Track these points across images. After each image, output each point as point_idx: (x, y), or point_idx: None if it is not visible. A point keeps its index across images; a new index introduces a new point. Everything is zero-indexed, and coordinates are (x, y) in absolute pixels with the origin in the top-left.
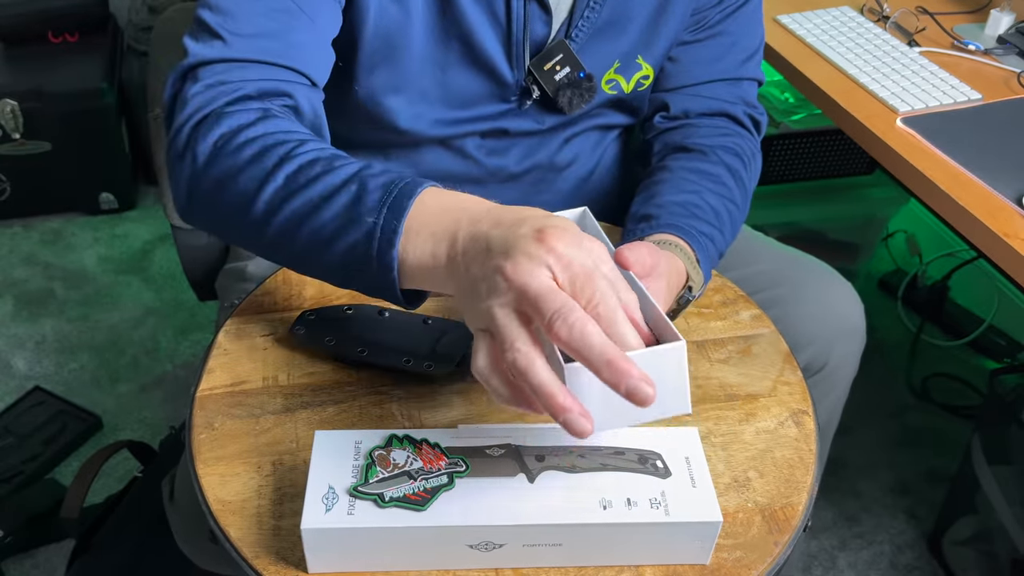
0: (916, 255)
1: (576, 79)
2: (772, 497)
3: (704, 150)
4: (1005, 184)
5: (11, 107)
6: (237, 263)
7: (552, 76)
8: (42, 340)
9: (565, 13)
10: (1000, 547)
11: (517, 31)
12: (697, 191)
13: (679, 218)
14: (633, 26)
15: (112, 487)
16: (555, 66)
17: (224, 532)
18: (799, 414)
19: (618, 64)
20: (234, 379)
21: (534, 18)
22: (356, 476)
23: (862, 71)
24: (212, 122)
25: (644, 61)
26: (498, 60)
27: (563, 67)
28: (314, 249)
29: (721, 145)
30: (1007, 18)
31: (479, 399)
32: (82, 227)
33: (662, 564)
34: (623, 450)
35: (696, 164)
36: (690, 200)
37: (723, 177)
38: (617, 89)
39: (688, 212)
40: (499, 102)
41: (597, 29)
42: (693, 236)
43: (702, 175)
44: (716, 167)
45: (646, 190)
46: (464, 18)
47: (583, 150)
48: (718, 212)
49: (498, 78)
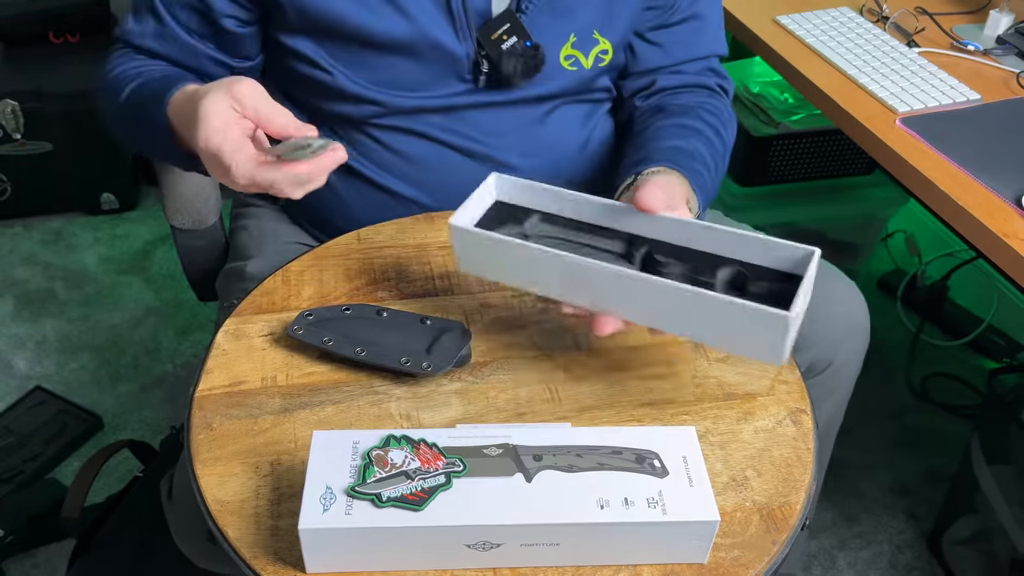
0: (915, 255)
1: (522, 48)
2: (770, 496)
3: (685, 110)
4: (1004, 184)
5: (12, 107)
6: (237, 263)
7: (499, 46)
8: (43, 340)
9: None
10: (999, 547)
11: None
12: (685, 138)
13: (671, 156)
14: (588, 1)
15: (113, 487)
16: (502, 35)
17: (222, 532)
18: (797, 413)
19: (574, 39)
20: (232, 379)
21: None
22: (354, 476)
23: (861, 71)
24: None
25: (602, 36)
26: (442, 30)
27: (510, 36)
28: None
29: (700, 105)
30: (1006, 18)
31: (477, 399)
32: (83, 227)
33: (660, 563)
34: (620, 449)
35: (680, 120)
36: (679, 145)
37: (706, 132)
38: (577, 66)
39: (678, 153)
40: (456, 80)
41: (549, 3)
42: (686, 168)
43: (687, 128)
44: (698, 123)
45: (633, 142)
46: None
47: (566, 131)
48: (704, 158)
49: (444, 50)
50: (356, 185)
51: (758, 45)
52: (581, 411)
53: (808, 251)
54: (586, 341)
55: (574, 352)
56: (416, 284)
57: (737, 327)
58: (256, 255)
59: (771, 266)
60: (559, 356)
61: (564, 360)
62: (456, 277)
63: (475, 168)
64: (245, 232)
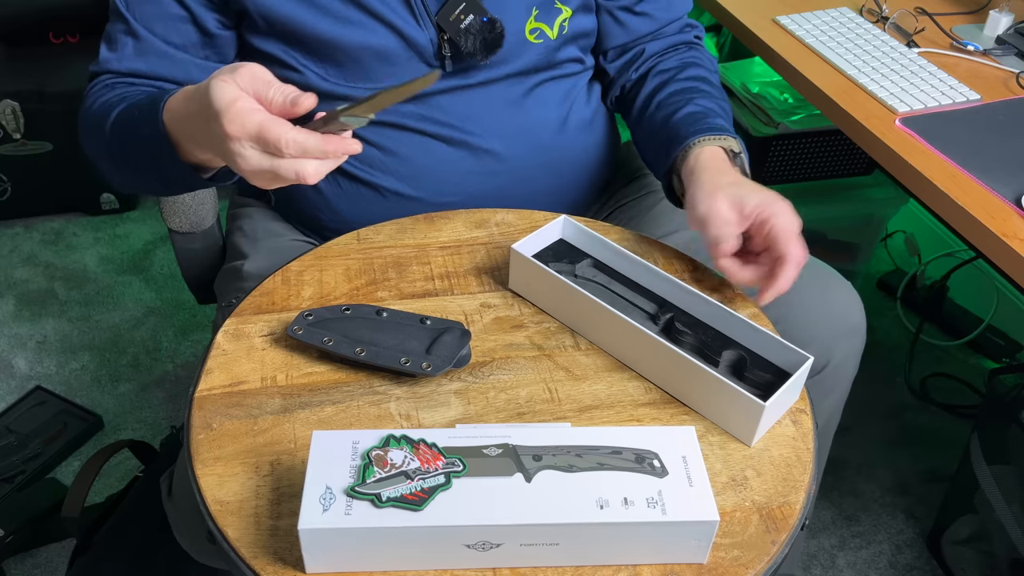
0: (915, 255)
1: (480, 24)
2: (770, 496)
3: (673, 74)
4: (1004, 184)
5: (12, 107)
6: (234, 263)
7: (458, 26)
8: (43, 340)
9: None
10: (999, 547)
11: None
12: (690, 100)
13: (693, 125)
14: None
15: (113, 487)
16: (459, 15)
17: (222, 532)
18: (797, 413)
19: (536, 12)
20: (232, 379)
21: None
22: (353, 476)
23: (861, 72)
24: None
25: (562, 4)
26: (399, 17)
27: (467, 15)
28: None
29: (684, 63)
30: (1006, 19)
31: (477, 399)
32: (83, 227)
33: (659, 563)
34: (620, 449)
35: (674, 86)
36: (692, 111)
37: (701, 86)
38: (543, 38)
39: (697, 119)
40: (420, 62)
41: None
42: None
43: (684, 91)
44: (691, 82)
45: (651, 125)
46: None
47: (548, 105)
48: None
49: (405, 35)
50: (339, 182)
51: (758, 45)
52: (580, 411)
53: (803, 356)
54: (585, 341)
55: (574, 352)
56: (416, 284)
57: (723, 403)
58: (251, 254)
59: (770, 359)
60: (559, 356)
61: (564, 360)
62: (456, 277)
63: (454, 154)
64: (240, 232)
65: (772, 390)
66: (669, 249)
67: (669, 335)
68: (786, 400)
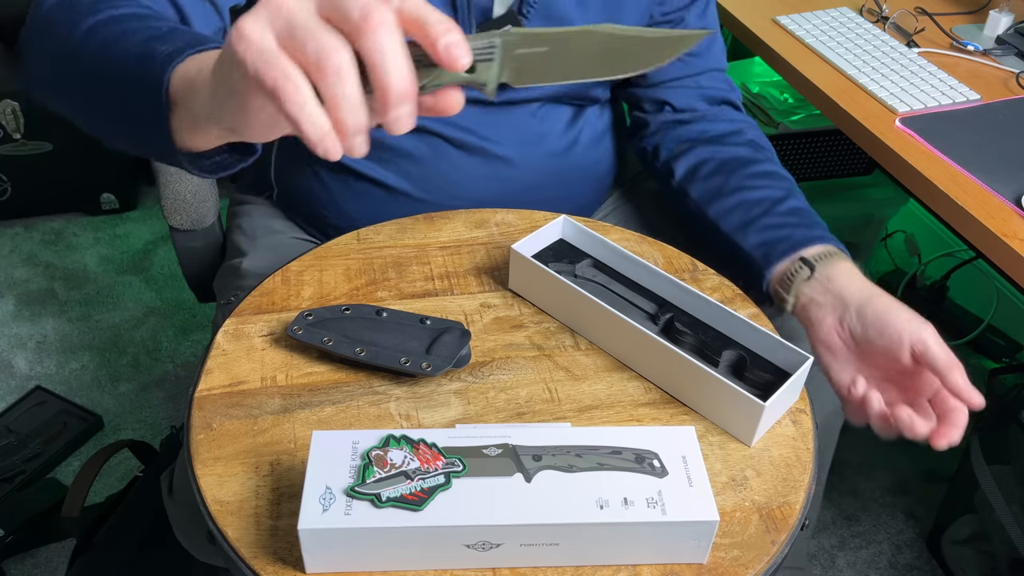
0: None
1: None
2: (769, 496)
3: (735, 154)
4: (1004, 184)
5: (12, 107)
6: (233, 260)
7: None
8: (43, 340)
9: None
10: (999, 547)
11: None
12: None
13: (805, 229)
14: (587, 7)
15: (113, 487)
16: None
17: (222, 532)
18: (797, 413)
19: None
20: (232, 379)
21: None
22: (353, 476)
23: (861, 72)
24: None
25: None
26: None
27: None
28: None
29: (745, 141)
30: (1006, 19)
31: (477, 399)
32: (83, 227)
33: (659, 563)
34: (620, 449)
35: (747, 170)
36: (787, 207)
37: (775, 174)
38: None
39: (795, 219)
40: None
41: (550, 6)
42: (822, 238)
43: (765, 176)
44: (765, 165)
45: (738, 221)
46: None
47: (554, 127)
48: (802, 207)
49: None
50: (346, 179)
51: (758, 45)
52: (580, 411)
53: (803, 356)
54: (585, 341)
55: (574, 352)
56: (416, 284)
57: (723, 403)
58: (251, 251)
59: (770, 359)
60: (559, 356)
61: (564, 360)
62: (456, 277)
63: (468, 160)
64: (239, 230)
65: (772, 390)
66: (669, 249)
67: (669, 335)
68: (786, 400)
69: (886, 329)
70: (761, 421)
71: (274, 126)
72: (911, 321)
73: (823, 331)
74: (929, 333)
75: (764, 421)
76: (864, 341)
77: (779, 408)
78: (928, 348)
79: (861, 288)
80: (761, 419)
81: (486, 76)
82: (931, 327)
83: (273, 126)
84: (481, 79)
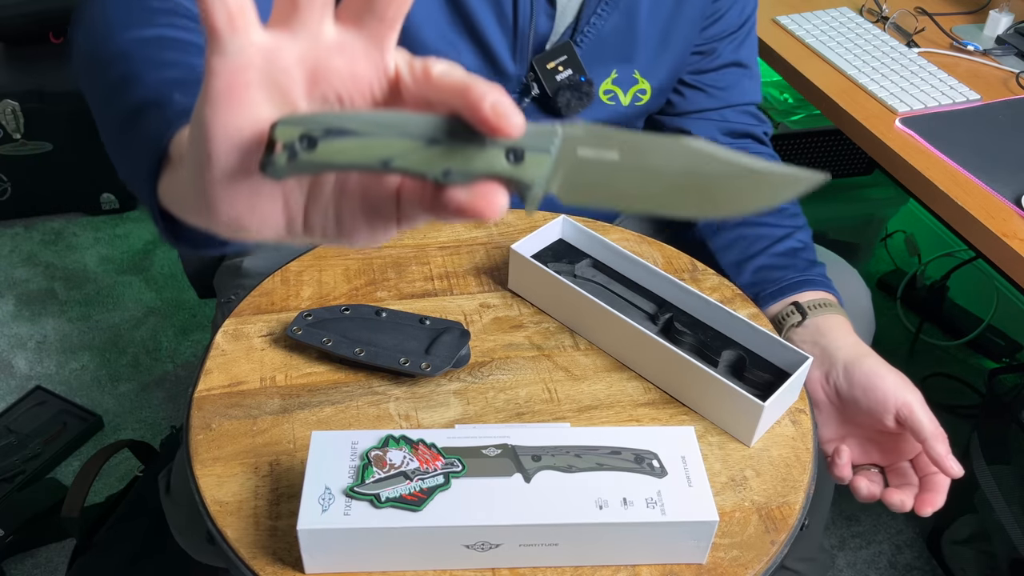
0: (915, 255)
1: (577, 82)
2: (769, 496)
3: None
4: (1004, 184)
5: (12, 107)
6: (234, 259)
7: (554, 76)
8: (43, 340)
9: (572, 16)
10: (999, 547)
11: (523, 23)
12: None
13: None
14: (636, 40)
15: (113, 487)
16: (558, 66)
17: (221, 533)
18: (796, 413)
19: (615, 75)
20: (232, 380)
21: (539, 11)
22: (352, 477)
23: (861, 72)
24: None
25: (641, 76)
26: (501, 50)
27: (565, 68)
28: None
29: None
30: (1006, 19)
31: (476, 399)
32: (83, 227)
33: (659, 563)
34: (619, 450)
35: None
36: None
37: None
38: (615, 101)
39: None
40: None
41: (601, 37)
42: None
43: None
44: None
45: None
46: (467, 3)
47: None
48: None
49: (500, 69)
50: None
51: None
52: (580, 411)
53: (802, 356)
54: (585, 341)
55: (573, 352)
56: (415, 284)
57: (722, 403)
58: (252, 250)
59: (770, 359)
60: (558, 356)
61: (563, 360)
62: (455, 277)
63: None
64: None
65: (771, 390)
66: (669, 249)
67: (668, 335)
68: (785, 400)
69: (873, 391)
70: (760, 421)
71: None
72: (898, 385)
73: (808, 383)
74: (915, 398)
75: (764, 421)
76: (850, 400)
77: (779, 408)
78: (913, 414)
79: (851, 345)
80: (760, 419)
81: (534, 173)
82: (918, 393)
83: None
84: (527, 175)
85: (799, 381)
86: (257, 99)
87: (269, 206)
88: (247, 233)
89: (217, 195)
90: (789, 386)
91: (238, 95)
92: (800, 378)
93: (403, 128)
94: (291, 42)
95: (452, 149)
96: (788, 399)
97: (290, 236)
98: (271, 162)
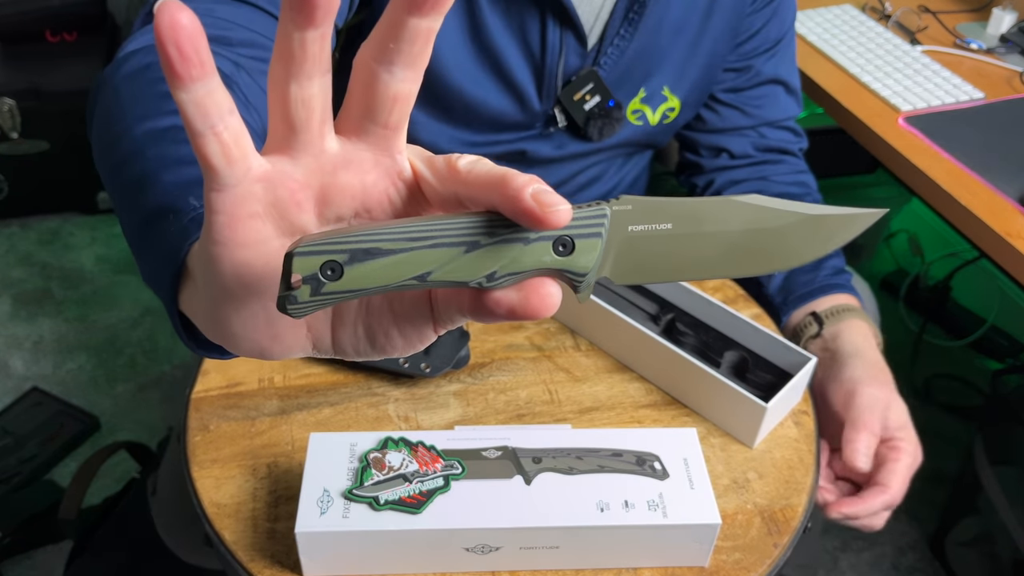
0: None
1: (606, 108)
2: (772, 498)
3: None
4: (1008, 183)
5: (9, 106)
6: None
7: (581, 106)
8: (40, 340)
9: (595, 40)
10: (1003, 548)
11: (551, 62)
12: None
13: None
14: (662, 57)
15: (110, 488)
16: (585, 96)
17: (219, 535)
18: (799, 415)
19: (643, 94)
20: (229, 381)
21: (569, 50)
22: (351, 479)
23: (864, 70)
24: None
25: (671, 93)
26: (528, 89)
27: (593, 96)
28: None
29: (793, 192)
30: (1009, 17)
31: (476, 400)
32: (80, 227)
33: (660, 566)
34: (621, 451)
35: None
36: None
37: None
38: (644, 120)
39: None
40: (523, 129)
41: (625, 57)
42: (840, 287)
43: None
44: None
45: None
46: (495, 44)
47: (606, 171)
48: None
49: (526, 106)
50: None
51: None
52: (581, 412)
53: (805, 357)
54: (586, 342)
55: (574, 353)
56: None
57: (725, 405)
58: None
59: (773, 360)
60: (559, 357)
61: (564, 361)
62: None
63: None
64: None
65: (774, 391)
66: None
67: (670, 336)
68: (788, 401)
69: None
70: (763, 423)
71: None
72: (874, 410)
73: (815, 381)
74: (867, 433)
75: (766, 423)
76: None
77: (781, 410)
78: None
79: (853, 352)
80: (763, 421)
81: (587, 261)
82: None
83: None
84: (580, 264)
85: (802, 382)
86: (263, 231)
87: (291, 334)
88: (271, 357)
89: (234, 329)
90: (792, 387)
91: (242, 230)
92: (803, 379)
93: (436, 237)
94: (292, 165)
95: (494, 250)
96: (791, 400)
97: (320, 354)
98: (291, 299)
